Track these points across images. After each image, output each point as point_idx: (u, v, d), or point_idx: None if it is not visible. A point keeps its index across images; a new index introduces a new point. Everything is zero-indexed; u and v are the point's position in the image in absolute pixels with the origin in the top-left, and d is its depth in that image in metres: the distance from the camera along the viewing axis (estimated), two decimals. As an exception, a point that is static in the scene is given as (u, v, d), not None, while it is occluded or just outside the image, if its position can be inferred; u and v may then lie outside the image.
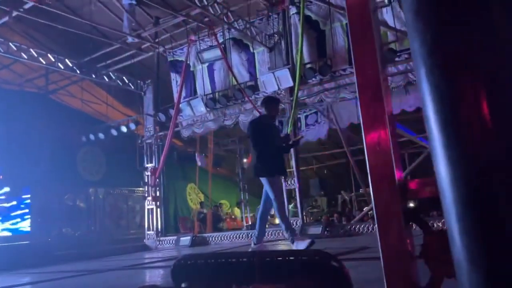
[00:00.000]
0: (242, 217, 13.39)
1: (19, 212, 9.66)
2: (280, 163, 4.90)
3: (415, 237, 1.27)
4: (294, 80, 7.73)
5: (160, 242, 9.50)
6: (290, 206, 9.38)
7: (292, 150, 8.27)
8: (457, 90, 0.69)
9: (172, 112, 9.27)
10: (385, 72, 1.30)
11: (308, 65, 8.05)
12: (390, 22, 7.25)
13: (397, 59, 7.11)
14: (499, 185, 0.64)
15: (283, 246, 6.77)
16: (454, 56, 0.70)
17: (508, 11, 0.71)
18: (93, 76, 10.18)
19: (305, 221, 8.45)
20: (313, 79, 8.06)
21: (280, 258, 1.52)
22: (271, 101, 5.06)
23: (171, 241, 9.30)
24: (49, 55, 9.26)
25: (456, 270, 0.68)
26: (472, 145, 0.66)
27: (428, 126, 0.72)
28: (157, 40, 9.76)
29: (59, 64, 9.43)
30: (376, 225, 1.15)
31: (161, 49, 10.00)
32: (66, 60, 9.58)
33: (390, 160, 1.15)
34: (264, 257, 1.55)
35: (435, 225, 5.56)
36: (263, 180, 4.64)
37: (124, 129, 10.26)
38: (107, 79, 10.37)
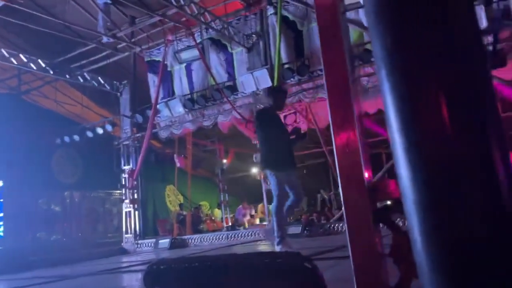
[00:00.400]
0: (222, 218, 13.34)
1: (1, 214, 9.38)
2: (290, 157, 4.63)
3: (386, 237, 1.28)
4: (272, 80, 7.75)
5: (139, 245, 9.37)
6: (270, 206, 9.40)
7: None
8: (416, 92, 0.69)
9: (149, 113, 9.16)
10: (355, 74, 1.31)
11: (286, 66, 8.09)
12: (366, 23, 7.34)
13: (373, 59, 7.20)
14: (458, 189, 0.64)
15: (263, 247, 6.78)
16: (413, 58, 0.70)
17: (466, 15, 0.72)
18: (67, 76, 9.96)
19: (284, 221, 8.46)
20: (291, 79, 8.10)
21: (254, 261, 1.51)
22: (278, 92, 4.89)
23: (149, 244, 9.19)
24: (21, 55, 9.01)
25: (418, 272, 0.69)
26: (432, 148, 0.67)
27: (390, 128, 0.73)
28: (133, 40, 9.62)
29: (32, 64, 9.18)
30: (346, 225, 1.16)
31: (137, 49, 9.86)
32: (39, 60, 9.34)
33: (359, 161, 1.16)
34: (237, 260, 1.54)
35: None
36: (268, 173, 4.43)
37: (100, 130, 10.07)
38: (81, 80, 10.16)
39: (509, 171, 0.66)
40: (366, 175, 1.21)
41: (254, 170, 12.82)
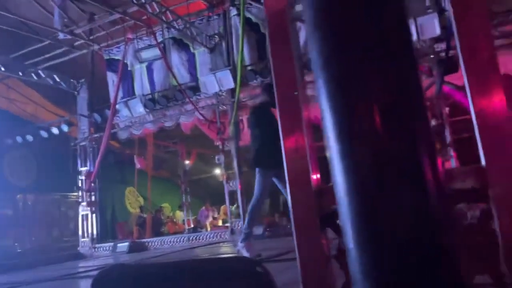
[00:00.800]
0: (184, 220, 13.16)
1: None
2: (281, 154, 4.53)
3: (333, 240, 1.30)
4: (235, 81, 7.74)
5: (96, 250, 9.08)
6: (233, 207, 9.39)
7: (234, 151, 8.29)
8: (351, 101, 0.70)
9: (108, 112, 8.90)
10: (304, 81, 1.33)
11: (249, 67, 8.10)
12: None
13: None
14: (387, 194, 0.66)
15: (224, 248, 6.75)
16: (348, 68, 0.71)
17: (401, 24, 0.74)
18: (20, 74, 9.49)
19: (246, 222, 8.47)
20: (254, 81, 8.12)
21: (205, 267, 1.49)
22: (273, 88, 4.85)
23: (107, 248, 8.93)
24: (-31, 50, 8.52)
25: (351, 279, 0.70)
26: (364, 155, 0.68)
27: (326, 136, 0.73)
28: (91, 37, 9.32)
29: (-19, 60, 8.70)
30: (293, 229, 1.17)
31: (96, 46, 9.55)
32: (-11, 56, 8.86)
33: (307, 166, 1.17)
34: (188, 266, 1.52)
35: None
36: (257, 172, 4.32)
37: (55, 130, 9.68)
38: (36, 78, 9.72)
39: (437, 176, 0.68)
40: (314, 177, 1.23)
41: (217, 172, 12.74)
